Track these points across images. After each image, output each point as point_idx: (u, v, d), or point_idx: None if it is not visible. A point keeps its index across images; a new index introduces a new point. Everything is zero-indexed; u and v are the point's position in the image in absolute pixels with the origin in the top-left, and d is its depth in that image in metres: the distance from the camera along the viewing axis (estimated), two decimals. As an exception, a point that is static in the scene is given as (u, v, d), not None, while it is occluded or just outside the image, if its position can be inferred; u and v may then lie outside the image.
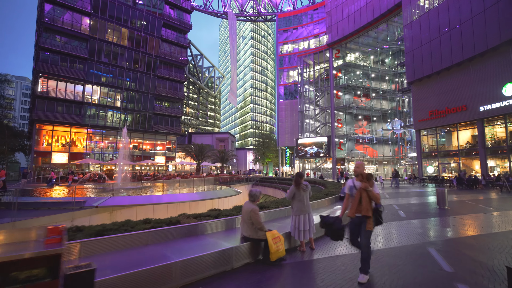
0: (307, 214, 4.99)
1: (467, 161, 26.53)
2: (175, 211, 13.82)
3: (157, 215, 13.25)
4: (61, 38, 31.91)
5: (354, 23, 40.34)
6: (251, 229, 4.37)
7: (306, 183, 5.05)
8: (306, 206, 4.99)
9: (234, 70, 42.20)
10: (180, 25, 42.63)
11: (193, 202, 15.63)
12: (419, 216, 8.55)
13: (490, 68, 22.57)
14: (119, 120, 37.30)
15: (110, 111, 36.41)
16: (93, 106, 34.87)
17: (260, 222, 4.34)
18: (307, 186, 5.01)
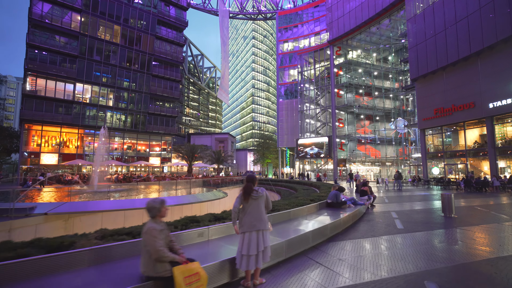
0: (260, 232, 3.55)
1: (475, 162, 24.85)
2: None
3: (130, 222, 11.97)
4: (50, 35, 30.96)
5: (356, 19, 38.81)
6: (148, 262, 2.76)
7: (259, 189, 3.65)
8: (259, 221, 3.55)
9: (225, 65, 40.89)
10: (175, 22, 41.53)
11: (175, 207, 14.34)
12: (420, 228, 7.09)
13: (500, 62, 20.97)
14: (112, 120, 36.25)
15: (103, 110, 35.37)
16: (85, 105, 33.85)
17: (158, 249, 2.68)
18: (259, 192, 3.61)
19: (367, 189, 10.94)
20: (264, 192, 3.66)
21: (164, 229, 2.92)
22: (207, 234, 4.51)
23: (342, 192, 8.90)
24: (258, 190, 3.62)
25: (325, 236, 5.61)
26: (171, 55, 40.99)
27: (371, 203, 11.17)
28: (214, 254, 3.90)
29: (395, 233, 6.51)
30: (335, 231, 6.18)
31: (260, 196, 3.60)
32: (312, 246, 5.14)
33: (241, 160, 71.95)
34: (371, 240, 5.79)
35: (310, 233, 5.05)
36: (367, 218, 8.74)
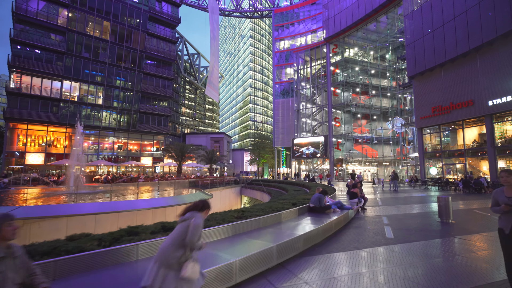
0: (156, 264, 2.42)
1: (474, 161, 24.01)
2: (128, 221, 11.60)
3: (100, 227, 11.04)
4: (36, 30, 29.91)
5: (352, 15, 37.98)
6: None
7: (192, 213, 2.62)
8: (160, 251, 2.47)
9: (214, 60, 39.55)
10: (168, 19, 40.51)
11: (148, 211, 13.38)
12: (413, 237, 6.17)
13: (500, 58, 20.15)
14: (102, 118, 35.22)
15: (91, 109, 34.34)
16: (73, 104, 32.81)
17: None
18: (185, 216, 2.61)
19: (357, 191, 10.04)
20: (191, 221, 2.57)
21: (8, 258, 1.95)
22: (135, 253, 3.56)
23: (326, 195, 7.97)
24: (188, 215, 2.60)
25: (296, 250, 4.69)
26: (164, 53, 39.97)
27: (362, 206, 10.27)
28: (129, 283, 2.96)
29: (383, 244, 5.59)
30: (311, 243, 5.26)
31: (181, 221, 2.61)
32: (277, 264, 4.22)
33: (237, 160, 70.99)
34: (352, 255, 4.87)
35: (274, 248, 4.12)
36: (355, 224, 7.83)
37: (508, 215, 3.15)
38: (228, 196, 26.96)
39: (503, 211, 3.16)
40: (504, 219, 3.23)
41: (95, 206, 10.73)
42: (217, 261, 3.42)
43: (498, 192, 3.35)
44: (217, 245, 4.22)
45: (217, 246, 4.16)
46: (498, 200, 3.28)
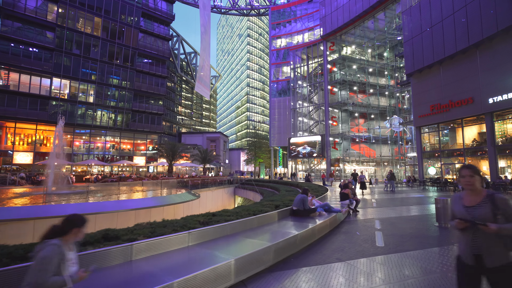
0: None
1: (474, 161, 23.30)
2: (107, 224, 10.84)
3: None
4: (23, 26, 29.05)
5: (349, 12, 37.23)
6: None
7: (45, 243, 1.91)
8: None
9: (205, 56, 38.55)
10: (161, 15, 39.69)
11: (141, 211, 12.68)
12: (406, 245, 5.41)
13: (501, 54, 19.43)
14: (94, 117, 34.38)
15: (82, 107, 33.51)
16: (62, 101, 31.95)
17: None
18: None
19: (348, 192, 9.28)
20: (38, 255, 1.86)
21: None
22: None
23: (307, 194, 7.16)
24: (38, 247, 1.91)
25: (265, 263, 3.93)
26: (157, 50, 39.15)
27: (354, 208, 9.52)
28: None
29: (371, 254, 4.83)
30: (286, 253, 4.50)
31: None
32: (238, 282, 3.46)
33: (234, 160, 70.25)
34: (333, 270, 4.11)
35: (232, 263, 3.36)
36: (343, 228, 7.08)
37: (468, 235, 2.15)
38: (220, 197, 26.18)
39: (457, 229, 2.20)
40: (462, 241, 2.22)
41: (68, 208, 9.95)
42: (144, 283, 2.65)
43: (455, 199, 2.36)
44: (161, 260, 3.46)
45: (160, 261, 3.40)
46: (454, 211, 2.31)
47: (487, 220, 2.06)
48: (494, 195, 2.15)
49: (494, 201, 2.11)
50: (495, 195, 2.15)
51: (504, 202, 2.09)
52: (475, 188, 2.22)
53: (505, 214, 2.06)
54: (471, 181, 2.23)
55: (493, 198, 2.13)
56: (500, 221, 2.05)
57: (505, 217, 2.06)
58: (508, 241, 2.04)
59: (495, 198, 2.12)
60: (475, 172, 2.25)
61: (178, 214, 17.47)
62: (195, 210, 20.31)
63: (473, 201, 2.21)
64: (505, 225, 2.01)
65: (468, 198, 2.25)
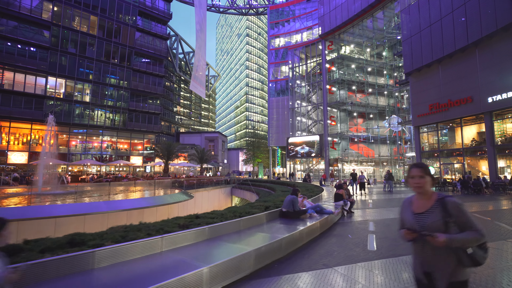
0: None
1: (473, 161, 23.05)
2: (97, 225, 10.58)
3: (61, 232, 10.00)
4: (18, 24, 28.73)
5: (348, 11, 36.94)
6: None
7: None
8: None
9: (201, 54, 38.07)
10: (158, 14, 39.37)
11: (134, 211, 12.40)
12: (399, 249, 5.13)
13: (500, 52, 19.18)
14: (90, 116, 34.06)
15: (78, 106, 33.19)
16: (58, 101, 31.64)
17: None
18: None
19: (342, 193, 8.99)
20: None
21: None
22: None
23: (297, 194, 6.87)
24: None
25: (244, 271, 3.64)
26: (155, 49, 38.83)
27: (349, 209, 9.23)
28: None
29: (361, 259, 4.54)
30: (269, 259, 4.20)
31: None
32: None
33: (232, 160, 69.98)
34: (317, 277, 3.82)
35: (204, 272, 3.07)
36: (335, 231, 6.79)
37: (418, 248, 1.86)
38: (217, 197, 25.90)
39: (406, 240, 1.88)
40: (413, 255, 1.94)
41: (54, 209, 9.66)
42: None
43: (404, 204, 2.03)
44: (125, 268, 3.17)
45: (123, 270, 3.12)
46: (403, 219, 1.99)
47: (437, 230, 1.73)
48: (445, 199, 1.81)
49: (445, 207, 1.77)
50: (446, 199, 1.80)
51: (456, 207, 1.75)
52: (425, 191, 1.87)
53: (458, 221, 1.73)
54: (420, 182, 1.86)
55: (444, 203, 1.79)
56: (452, 231, 1.73)
57: (458, 226, 1.73)
58: (462, 256, 1.70)
59: (446, 202, 1.78)
60: (425, 172, 1.88)
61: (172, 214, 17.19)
62: (191, 210, 20.04)
63: (422, 206, 1.87)
64: (456, 236, 1.68)
65: (418, 203, 1.91)
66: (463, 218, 1.72)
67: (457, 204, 1.77)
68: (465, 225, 1.71)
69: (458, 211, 1.74)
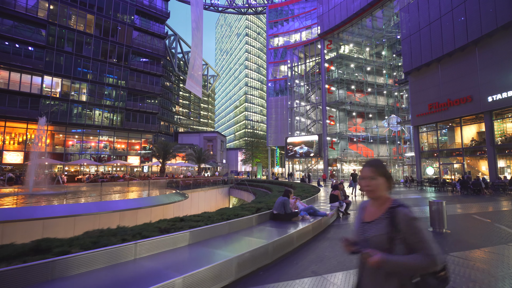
0: None
1: (472, 161, 22.81)
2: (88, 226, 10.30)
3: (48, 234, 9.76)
4: (13, 23, 28.44)
5: (347, 10, 36.69)
6: None
7: None
8: None
9: (197, 52, 37.64)
10: (156, 13, 39.08)
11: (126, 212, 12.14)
12: (395, 254, 4.83)
13: (500, 51, 18.96)
14: (86, 116, 33.76)
15: (75, 106, 32.89)
16: (54, 100, 31.36)
17: None
18: None
19: (338, 194, 8.72)
20: None
21: None
22: None
23: (289, 196, 6.58)
24: None
25: (223, 280, 3.36)
26: (152, 48, 38.53)
27: (345, 211, 8.95)
28: None
29: (354, 266, 4.26)
30: (254, 266, 3.92)
31: None
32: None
33: (231, 159, 69.72)
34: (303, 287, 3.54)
35: (176, 283, 2.79)
36: (329, 233, 6.51)
37: (360, 265, 1.54)
38: (214, 197, 25.65)
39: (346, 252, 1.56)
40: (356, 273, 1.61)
41: (41, 210, 9.38)
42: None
43: (359, 210, 1.72)
44: (87, 280, 2.88)
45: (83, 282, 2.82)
46: (355, 226, 1.69)
47: (380, 246, 1.40)
48: (397, 209, 1.44)
49: (393, 219, 1.42)
50: (398, 209, 1.43)
51: (407, 222, 1.38)
52: (377, 196, 1.52)
53: (407, 240, 1.37)
54: (370, 185, 1.51)
55: (394, 213, 1.43)
56: (398, 250, 1.38)
57: (406, 245, 1.37)
58: (407, 285, 1.35)
59: (396, 213, 1.42)
60: (378, 172, 1.51)
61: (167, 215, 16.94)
62: (187, 211, 19.79)
63: (372, 214, 1.53)
64: (396, 258, 1.33)
65: (369, 210, 1.58)
66: (413, 237, 1.35)
67: (408, 217, 1.39)
68: (415, 245, 1.34)
69: (408, 227, 1.37)
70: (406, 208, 1.43)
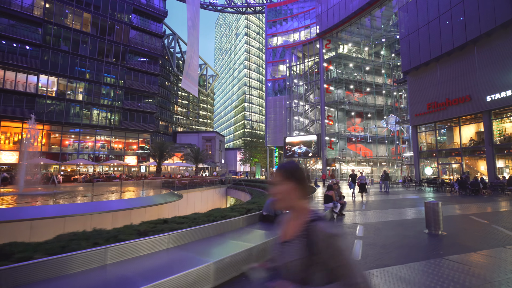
0: None
1: (471, 161, 22.63)
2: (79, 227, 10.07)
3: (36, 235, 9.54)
4: (8, 21, 28.18)
5: (345, 9, 36.49)
6: None
7: None
8: None
9: (193, 51, 37.22)
10: (154, 11, 38.82)
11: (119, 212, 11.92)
12: (386, 259, 4.64)
13: (499, 50, 18.79)
14: (83, 115, 33.50)
15: (71, 105, 32.62)
16: (50, 99, 31.10)
17: None
18: None
19: (332, 194, 8.50)
20: None
21: None
22: None
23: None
24: None
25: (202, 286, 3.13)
26: (150, 47, 38.28)
27: (339, 212, 8.74)
28: None
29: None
30: (234, 272, 3.69)
31: None
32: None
33: (230, 159, 69.50)
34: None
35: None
36: (321, 236, 6.29)
37: None
38: (211, 197, 25.43)
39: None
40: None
41: (28, 211, 9.14)
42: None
43: (279, 224, 1.34)
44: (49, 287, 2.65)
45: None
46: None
47: (295, 273, 1.08)
48: (313, 226, 1.10)
49: (309, 237, 1.08)
50: (314, 225, 1.10)
51: (325, 240, 1.05)
52: (289, 206, 1.20)
53: (326, 263, 1.04)
54: (279, 192, 1.18)
55: (310, 230, 1.10)
56: (316, 278, 1.06)
57: (326, 271, 1.05)
58: None
59: (312, 230, 1.09)
60: (286, 175, 1.18)
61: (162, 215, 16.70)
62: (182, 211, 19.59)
63: (288, 231, 1.19)
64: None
65: (286, 224, 1.24)
66: (332, 260, 1.03)
67: (326, 234, 1.06)
68: (335, 271, 1.02)
69: (326, 247, 1.04)
70: (323, 222, 1.10)
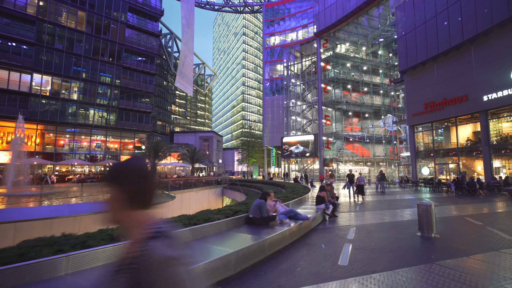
0: None
1: (468, 161, 22.49)
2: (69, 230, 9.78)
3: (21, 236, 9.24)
4: (1, 19, 27.83)
5: (343, 9, 36.31)
6: None
7: None
8: None
9: (187, 49, 36.95)
10: (150, 10, 38.53)
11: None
12: (375, 264, 4.42)
13: (496, 50, 18.64)
14: (78, 114, 33.16)
15: (65, 104, 32.28)
16: (44, 98, 30.75)
17: None
18: None
19: (324, 195, 8.28)
20: None
21: None
22: None
23: (266, 199, 6.14)
24: None
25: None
26: (146, 46, 37.97)
27: (332, 213, 8.52)
28: None
29: (327, 278, 3.80)
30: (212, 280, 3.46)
31: None
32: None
33: (228, 159, 69.25)
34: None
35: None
36: (310, 239, 6.07)
37: None
38: (206, 198, 25.19)
39: None
40: None
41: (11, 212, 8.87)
42: None
43: None
44: None
45: None
46: None
47: None
48: (147, 248, 0.80)
49: (139, 264, 0.78)
50: (148, 248, 0.79)
51: (160, 269, 0.75)
52: (117, 221, 0.89)
53: None
54: (106, 203, 0.89)
55: (140, 256, 0.80)
56: None
57: None
58: None
59: (143, 256, 0.79)
60: (111, 178, 0.89)
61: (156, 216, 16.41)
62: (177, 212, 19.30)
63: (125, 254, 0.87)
64: None
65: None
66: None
67: (162, 259, 0.76)
68: None
69: (160, 279, 0.75)
70: (163, 240, 0.80)
